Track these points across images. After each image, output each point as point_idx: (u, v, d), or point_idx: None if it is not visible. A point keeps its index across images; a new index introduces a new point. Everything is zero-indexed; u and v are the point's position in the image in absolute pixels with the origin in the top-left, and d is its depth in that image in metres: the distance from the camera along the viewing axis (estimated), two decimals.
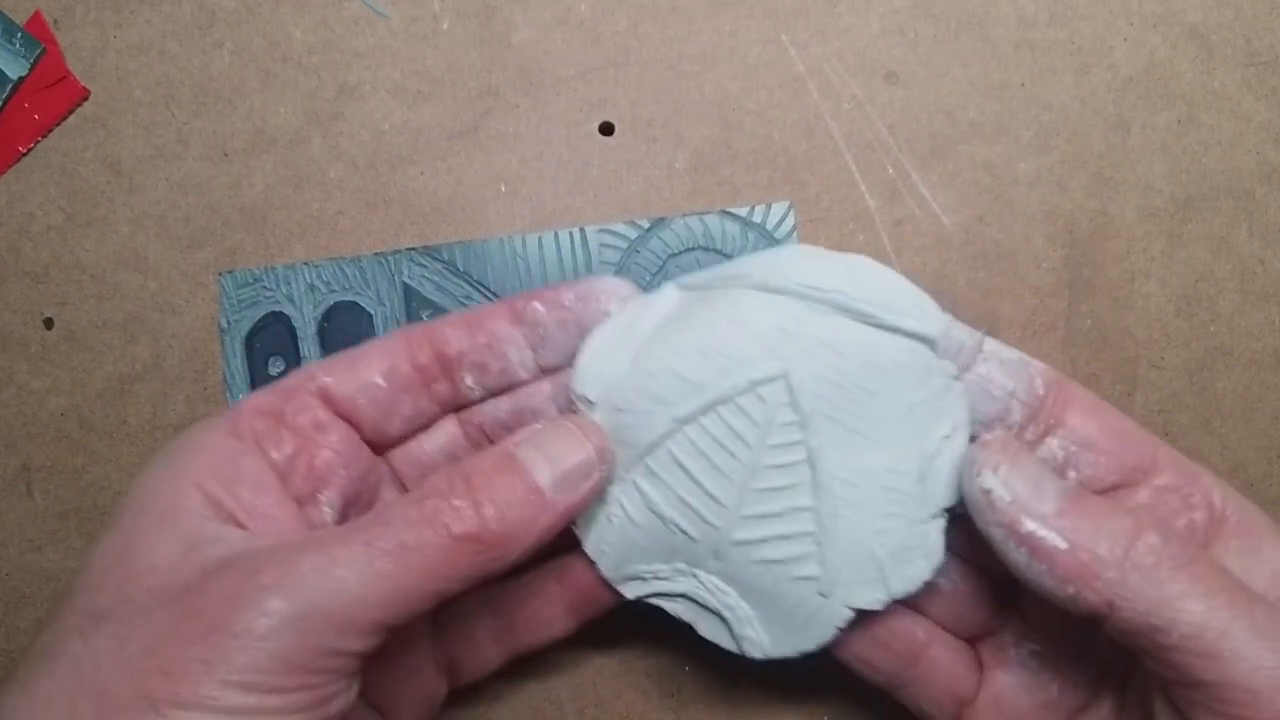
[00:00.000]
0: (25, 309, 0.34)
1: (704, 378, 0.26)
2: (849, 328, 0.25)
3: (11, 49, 0.34)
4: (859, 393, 0.25)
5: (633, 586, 0.28)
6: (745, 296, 0.26)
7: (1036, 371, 0.26)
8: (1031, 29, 0.34)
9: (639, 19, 0.34)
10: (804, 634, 0.27)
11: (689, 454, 0.26)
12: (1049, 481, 0.24)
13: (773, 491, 0.26)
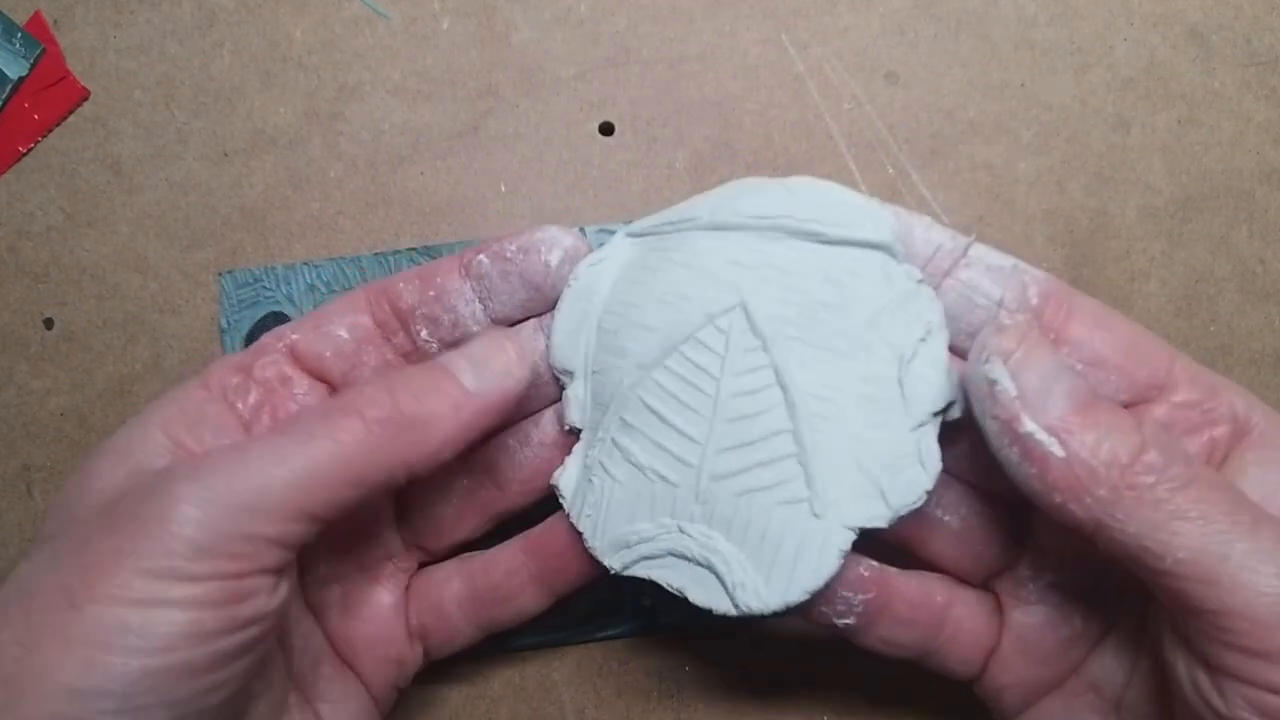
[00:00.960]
0: (25, 309, 0.34)
1: (663, 323, 0.26)
2: (800, 248, 0.25)
3: (11, 49, 0.34)
4: (818, 308, 0.25)
5: (619, 556, 0.26)
6: (695, 238, 0.26)
7: (1032, 279, 0.25)
8: (1031, 29, 0.34)
9: (639, 19, 0.34)
10: (803, 568, 0.24)
11: (658, 398, 0.26)
12: (1063, 380, 0.22)
13: (745, 420, 0.25)
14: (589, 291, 0.27)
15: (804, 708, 0.33)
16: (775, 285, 0.25)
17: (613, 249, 0.28)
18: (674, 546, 0.26)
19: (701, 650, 0.33)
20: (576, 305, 0.27)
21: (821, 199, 0.25)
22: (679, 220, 0.27)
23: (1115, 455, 0.21)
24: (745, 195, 0.26)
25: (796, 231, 0.25)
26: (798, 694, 0.32)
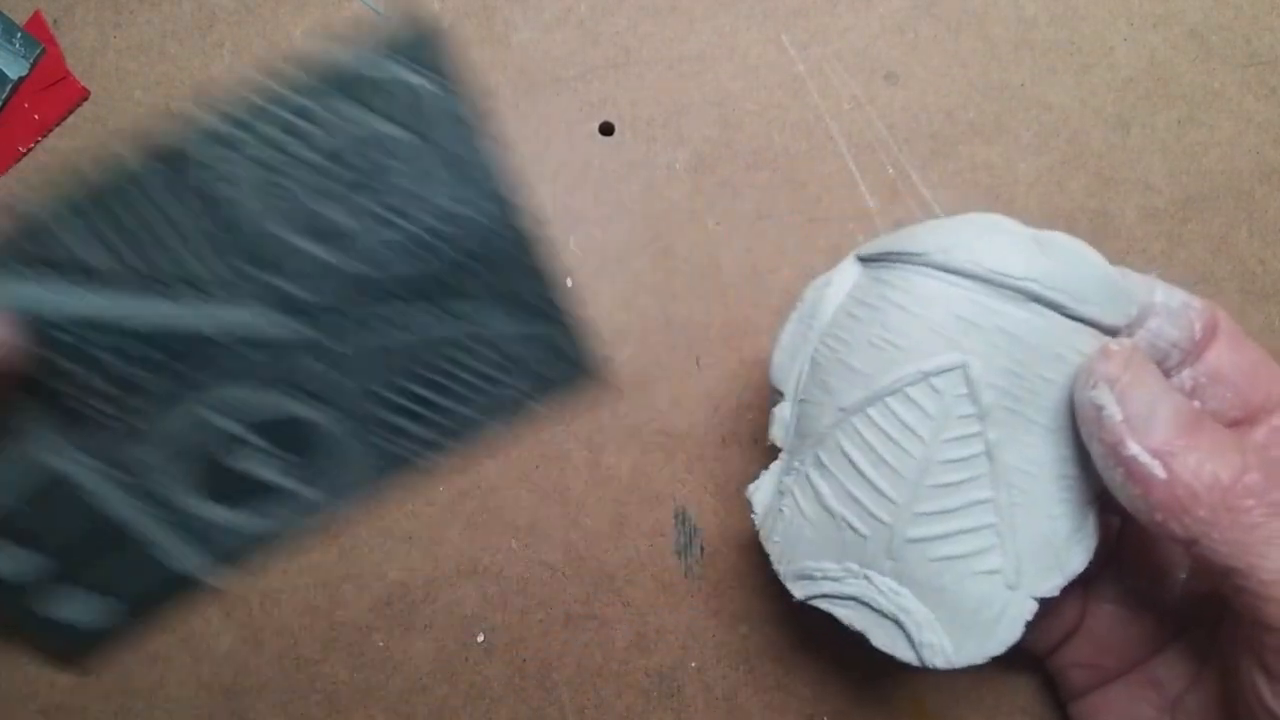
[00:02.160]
0: None
1: (871, 368, 0.25)
2: (1036, 316, 0.24)
3: (11, 49, 0.34)
4: (1040, 383, 0.24)
5: (802, 586, 0.26)
6: (919, 282, 0.24)
7: (1196, 315, 0.26)
8: (1031, 29, 0.34)
9: (639, 19, 0.34)
10: (990, 633, 0.25)
11: (857, 446, 0.25)
12: (1166, 403, 0.23)
13: (950, 487, 0.24)
14: (812, 313, 0.26)
15: (804, 708, 0.33)
16: (1004, 353, 0.24)
17: (840, 271, 0.26)
18: (861, 594, 0.26)
19: (701, 650, 0.33)
20: (799, 326, 0.27)
21: (1075, 266, 0.24)
22: (905, 252, 0.25)
23: (1217, 477, 0.22)
24: (988, 241, 0.24)
25: (1040, 298, 0.24)
26: (798, 694, 0.32)
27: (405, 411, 0.32)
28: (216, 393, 0.31)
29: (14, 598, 0.32)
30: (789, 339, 0.27)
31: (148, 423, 0.31)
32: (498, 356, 0.32)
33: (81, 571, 0.32)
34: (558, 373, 0.33)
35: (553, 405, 0.33)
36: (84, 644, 0.33)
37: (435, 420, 0.32)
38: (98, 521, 0.31)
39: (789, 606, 0.33)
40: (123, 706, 0.33)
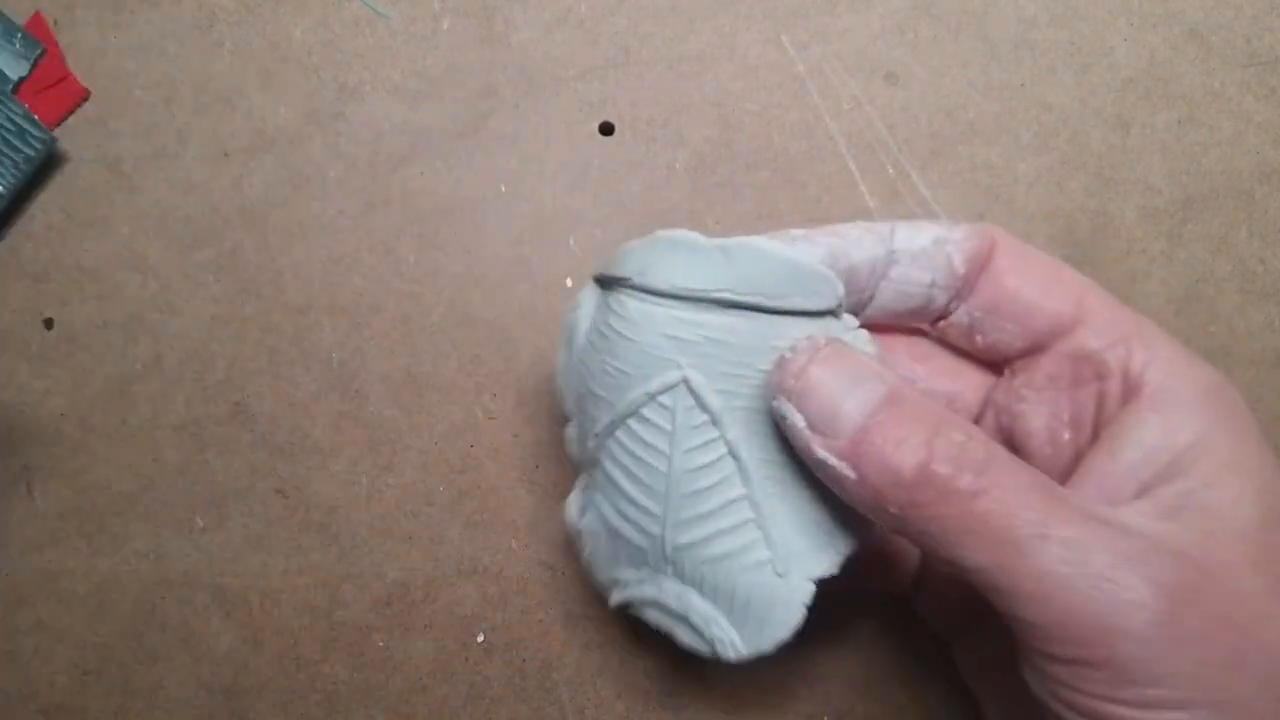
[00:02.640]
0: (25, 309, 0.34)
1: (610, 393, 0.25)
2: (738, 319, 0.24)
3: (11, 49, 0.34)
4: (762, 378, 0.24)
5: (615, 593, 0.28)
6: (633, 306, 0.25)
7: (956, 247, 0.25)
8: (1031, 29, 0.34)
9: (639, 19, 0.34)
10: (771, 621, 0.25)
11: (617, 466, 0.26)
12: (850, 399, 0.22)
13: (703, 492, 0.25)
14: (569, 338, 0.27)
15: (804, 708, 0.33)
16: (718, 359, 0.24)
17: (585, 293, 0.27)
18: (655, 597, 0.26)
19: None
20: (565, 351, 0.27)
21: (761, 265, 0.24)
22: (616, 276, 0.25)
23: (899, 473, 0.21)
24: (675, 259, 0.24)
25: (734, 304, 0.24)
26: (798, 694, 0.32)
27: None
28: None
29: None
30: (561, 363, 0.27)
31: None
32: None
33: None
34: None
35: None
36: None
37: None
38: None
39: None
40: (123, 706, 0.33)
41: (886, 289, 0.26)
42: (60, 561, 0.34)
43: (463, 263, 0.34)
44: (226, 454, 0.34)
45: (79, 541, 0.34)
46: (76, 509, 0.34)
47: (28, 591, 0.34)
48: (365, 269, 0.34)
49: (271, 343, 0.34)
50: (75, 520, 0.34)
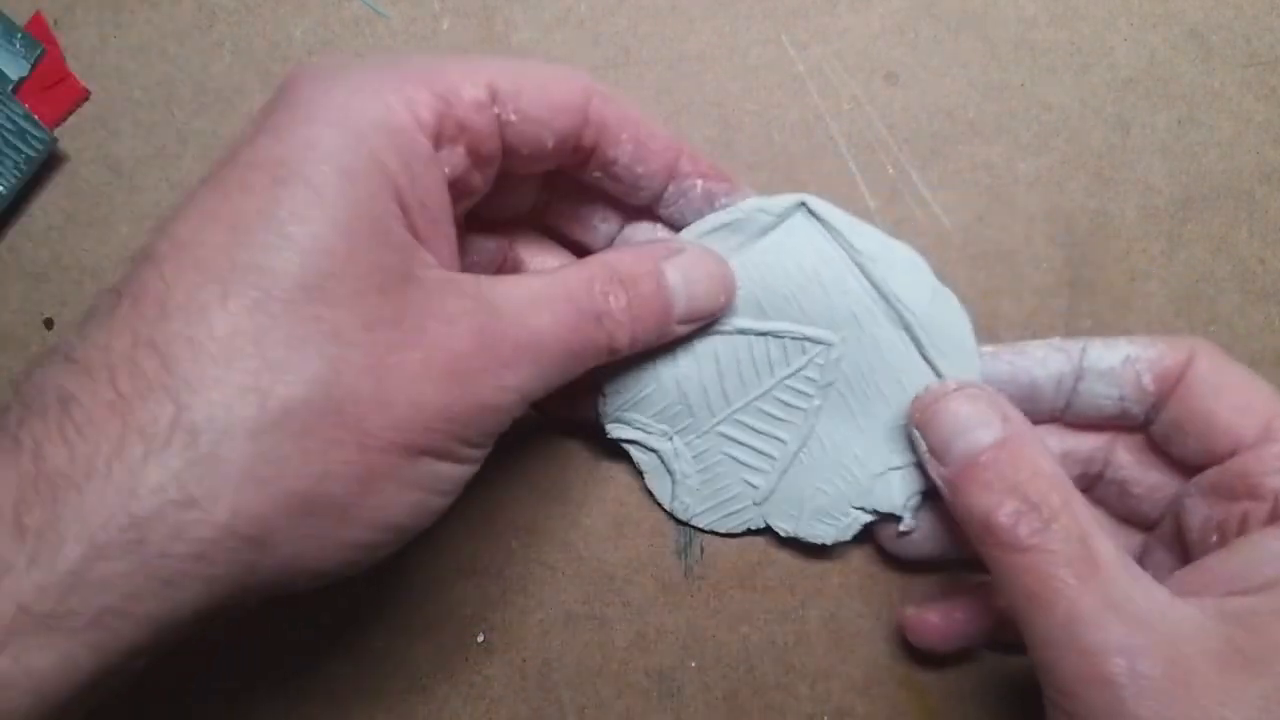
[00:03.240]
0: (25, 309, 0.34)
1: (775, 310, 0.30)
2: (900, 343, 0.30)
3: (12, 49, 0.34)
4: (876, 394, 0.30)
5: (618, 429, 0.32)
6: (845, 273, 0.30)
7: (1147, 366, 0.28)
8: (1031, 29, 0.34)
9: (639, 19, 0.34)
10: (725, 520, 0.32)
11: (727, 357, 0.31)
12: (961, 439, 0.27)
13: (769, 416, 0.31)
14: (751, 226, 0.31)
15: (804, 708, 0.33)
16: (865, 354, 0.30)
17: (793, 221, 0.30)
18: (662, 450, 0.32)
19: (701, 650, 0.33)
20: (728, 231, 0.31)
21: (949, 324, 0.30)
22: (849, 242, 0.30)
23: (973, 510, 0.26)
24: (905, 272, 0.30)
25: (910, 330, 0.30)
26: (798, 694, 0.32)
27: None
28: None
29: None
30: (709, 229, 0.30)
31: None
32: None
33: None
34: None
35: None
36: None
37: None
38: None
39: (789, 606, 0.33)
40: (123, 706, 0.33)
41: (1078, 400, 0.29)
42: None
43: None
44: None
45: None
46: None
47: None
48: None
49: None
50: None
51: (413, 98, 0.23)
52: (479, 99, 0.24)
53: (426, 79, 0.23)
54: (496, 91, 0.25)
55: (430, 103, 0.23)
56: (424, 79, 0.23)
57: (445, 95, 0.24)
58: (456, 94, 0.24)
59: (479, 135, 0.25)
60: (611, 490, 0.33)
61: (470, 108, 0.24)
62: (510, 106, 0.25)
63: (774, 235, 0.30)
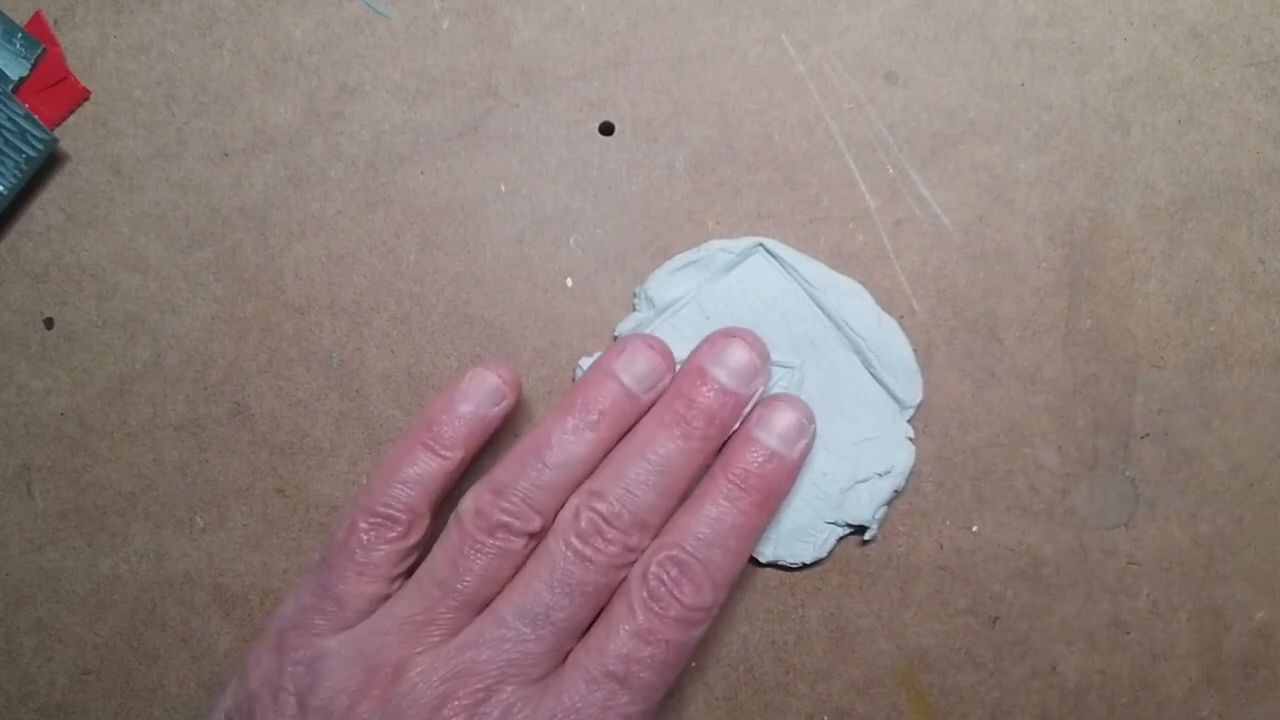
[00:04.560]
0: (25, 309, 0.34)
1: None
2: (854, 364, 0.33)
3: (12, 49, 0.34)
4: (837, 411, 0.33)
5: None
6: (801, 304, 0.33)
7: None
8: (1031, 29, 0.34)
9: (639, 19, 0.34)
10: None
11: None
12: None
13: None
14: (709, 264, 0.33)
15: (804, 708, 0.33)
16: (825, 375, 0.33)
17: (752, 261, 0.33)
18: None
19: (701, 649, 0.33)
20: (686, 267, 0.33)
21: (894, 348, 0.32)
22: (803, 275, 0.33)
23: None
24: (854, 300, 0.33)
25: (863, 356, 0.32)
26: (798, 694, 0.32)
27: None
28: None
29: None
30: (671, 269, 0.33)
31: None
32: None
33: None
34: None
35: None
36: None
37: None
38: None
39: (789, 606, 0.33)
40: (123, 706, 0.33)
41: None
42: (60, 561, 0.34)
43: (463, 263, 0.34)
44: (226, 454, 0.34)
45: (79, 541, 0.34)
46: (76, 509, 0.34)
47: (28, 591, 0.34)
48: (365, 269, 0.34)
49: (271, 343, 0.34)
50: (75, 520, 0.34)
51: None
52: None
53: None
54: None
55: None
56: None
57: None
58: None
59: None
60: None
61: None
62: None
63: (736, 272, 0.33)
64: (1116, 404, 0.33)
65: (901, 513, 0.33)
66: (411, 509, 0.29)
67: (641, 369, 0.30)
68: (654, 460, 0.29)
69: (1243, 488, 0.33)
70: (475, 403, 0.30)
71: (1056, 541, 0.33)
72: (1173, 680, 0.33)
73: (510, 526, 0.29)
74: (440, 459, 0.30)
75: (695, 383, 0.30)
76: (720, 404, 0.30)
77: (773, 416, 0.30)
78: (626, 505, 0.28)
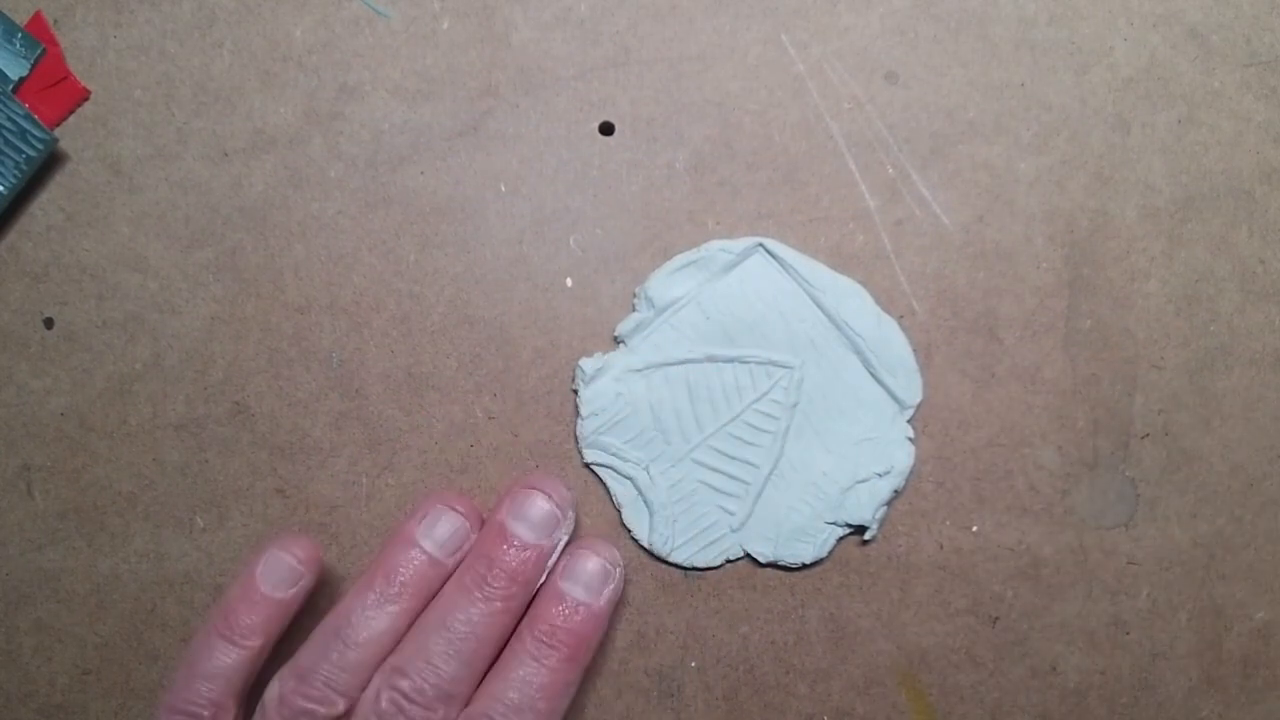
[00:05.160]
0: (25, 309, 0.34)
1: (741, 338, 0.33)
2: (853, 364, 0.33)
3: (12, 49, 0.34)
4: (837, 411, 0.33)
5: (594, 454, 0.33)
6: (801, 304, 0.33)
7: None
8: (1031, 29, 0.34)
9: (639, 19, 0.34)
10: (703, 553, 0.33)
11: (699, 383, 0.33)
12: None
13: (740, 441, 0.33)
14: (710, 264, 0.33)
15: (804, 707, 0.33)
16: (825, 374, 0.33)
17: (752, 260, 0.33)
18: (635, 477, 0.33)
19: (702, 649, 0.33)
20: (688, 268, 0.33)
21: (892, 347, 0.33)
22: (804, 275, 0.33)
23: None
24: (854, 300, 0.33)
25: (862, 355, 0.32)
26: (798, 694, 0.32)
27: None
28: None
29: None
30: (672, 269, 0.33)
31: None
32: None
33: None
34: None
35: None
36: None
37: None
38: None
39: (789, 606, 0.33)
40: (123, 706, 0.33)
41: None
42: (60, 561, 0.34)
43: (463, 263, 0.34)
44: (226, 454, 0.34)
45: (79, 541, 0.34)
46: (76, 509, 0.34)
47: (28, 591, 0.34)
48: (365, 269, 0.34)
49: (271, 343, 0.34)
50: (75, 520, 0.34)
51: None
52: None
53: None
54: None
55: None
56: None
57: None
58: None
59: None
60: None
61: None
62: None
63: (736, 272, 0.33)
64: (1116, 404, 0.33)
65: (901, 513, 0.33)
66: (214, 704, 0.29)
67: (443, 533, 0.30)
68: (456, 629, 0.29)
69: (1243, 488, 0.33)
70: (271, 586, 0.30)
71: (1056, 541, 0.33)
72: (1173, 680, 0.33)
73: (314, 714, 0.28)
74: (239, 649, 0.29)
75: (496, 541, 0.30)
76: (521, 560, 0.29)
77: (577, 565, 0.30)
78: (429, 679, 0.28)
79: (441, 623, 0.29)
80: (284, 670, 0.29)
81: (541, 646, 0.29)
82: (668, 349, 0.33)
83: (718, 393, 0.33)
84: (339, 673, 0.29)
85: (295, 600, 0.30)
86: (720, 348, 0.33)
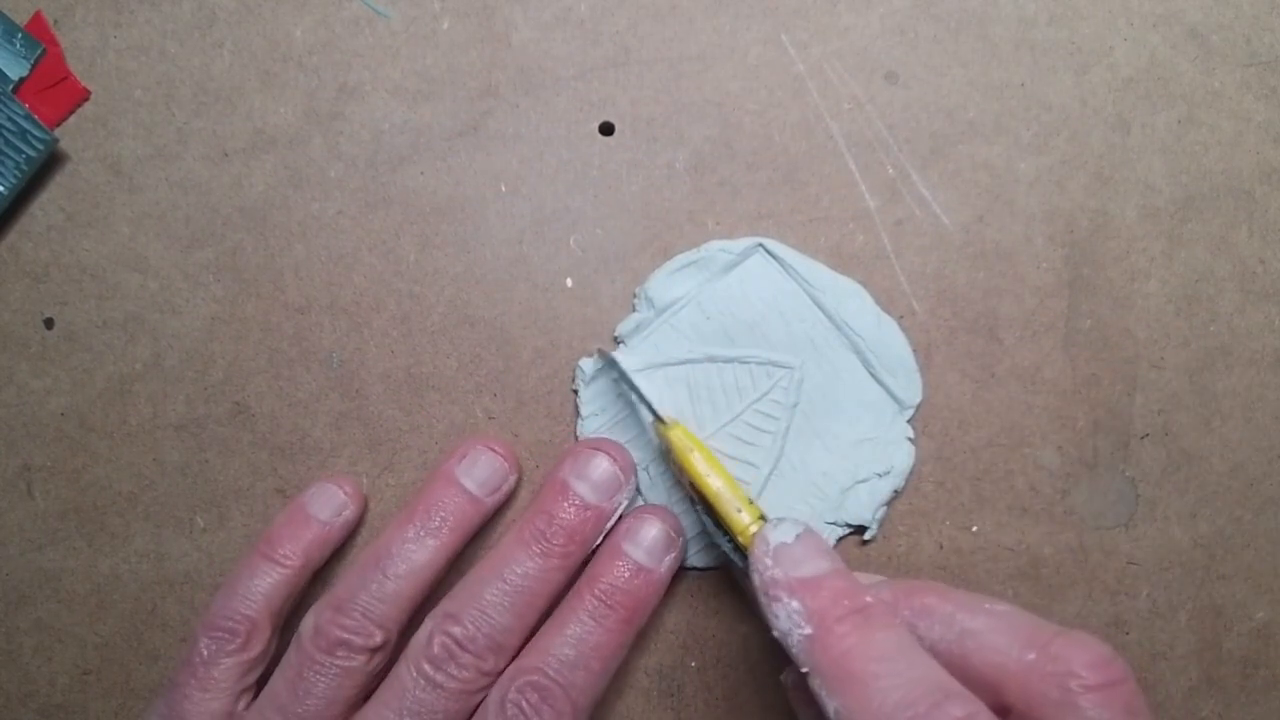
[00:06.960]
0: (25, 309, 0.34)
1: (741, 338, 0.33)
2: (853, 365, 0.33)
3: (12, 49, 0.34)
4: (837, 412, 0.33)
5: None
6: (801, 304, 0.33)
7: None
8: (1031, 29, 0.34)
9: (639, 19, 0.34)
10: (703, 554, 0.32)
11: (699, 384, 0.33)
12: (811, 563, 0.26)
13: (741, 441, 0.32)
14: (709, 264, 0.33)
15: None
16: (825, 375, 0.33)
17: (753, 260, 0.33)
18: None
19: (702, 649, 0.33)
20: (688, 268, 0.33)
21: (892, 348, 0.32)
22: (803, 275, 0.33)
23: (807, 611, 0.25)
24: (855, 301, 0.33)
25: (862, 355, 0.32)
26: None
27: None
28: None
29: None
30: (673, 269, 0.33)
31: None
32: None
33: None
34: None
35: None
36: None
37: None
38: None
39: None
40: (122, 706, 0.33)
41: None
42: (60, 561, 0.34)
43: (463, 263, 0.34)
44: (226, 454, 0.34)
45: (79, 541, 0.34)
46: (76, 509, 0.34)
47: (28, 591, 0.34)
48: (365, 269, 0.34)
49: (271, 343, 0.34)
50: (75, 520, 0.34)
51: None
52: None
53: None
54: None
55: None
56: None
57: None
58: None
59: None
60: None
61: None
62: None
63: (736, 272, 0.33)
64: (1116, 404, 0.33)
65: (901, 513, 0.33)
66: (249, 620, 0.29)
67: (482, 473, 0.31)
68: (511, 580, 0.28)
69: (1243, 488, 0.33)
70: (316, 508, 0.31)
71: (1056, 541, 0.33)
72: (1173, 680, 0.33)
73: (350, 644, 0.28)
74: (280, 567, 0.30)
75: (556, 498, 0.30)
76: (582, 520, 0.29)
77: (641, 529, 0.30)
78: (481, 628, 0.28)
79: (497, 574, 0.29)
80: (320, 602, 0.29)
81: (600, 606, 0.29)
82: (668, 349, 0.33)
83: (718, 393, 0.33)
84: (376, 604, 0.29)
85: (338, 529, 0.31)
86: (720, 348, 0.33)
